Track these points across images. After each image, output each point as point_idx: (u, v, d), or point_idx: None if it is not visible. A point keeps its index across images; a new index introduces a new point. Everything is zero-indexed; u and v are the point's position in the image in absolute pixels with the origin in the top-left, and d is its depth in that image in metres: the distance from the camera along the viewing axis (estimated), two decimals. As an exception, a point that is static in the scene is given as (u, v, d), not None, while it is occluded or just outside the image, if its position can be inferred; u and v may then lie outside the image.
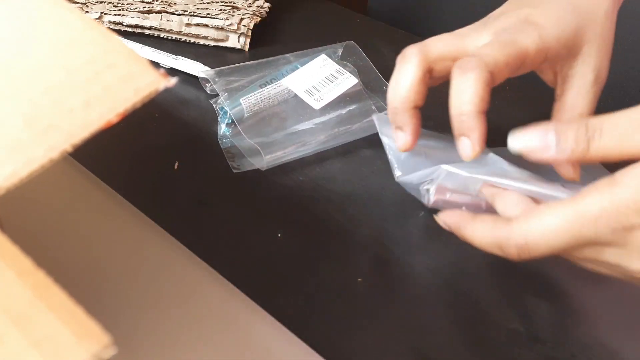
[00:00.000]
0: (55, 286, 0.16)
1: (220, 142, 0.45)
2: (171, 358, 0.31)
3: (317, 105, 0.46)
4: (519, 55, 0.32)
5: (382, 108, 0.48)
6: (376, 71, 0.51)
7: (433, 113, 0.36)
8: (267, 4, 0.61)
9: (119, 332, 0.18)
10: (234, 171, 0.43)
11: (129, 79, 0.20)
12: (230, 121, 0.46)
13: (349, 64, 0.51)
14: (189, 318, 0.33)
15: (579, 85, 0.35)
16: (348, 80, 0.48)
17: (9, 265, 0.16)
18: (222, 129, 0.46)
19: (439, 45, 0.35)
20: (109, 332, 0.15)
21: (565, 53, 0.35)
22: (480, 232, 0.30)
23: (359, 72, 0.50)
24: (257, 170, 0.43)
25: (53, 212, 0.39)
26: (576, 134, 0.28)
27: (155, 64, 0.52)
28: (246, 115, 0.46)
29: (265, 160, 0.43)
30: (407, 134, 0.35)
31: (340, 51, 0.51)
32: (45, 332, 0.14)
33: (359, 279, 0.36)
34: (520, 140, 0.29)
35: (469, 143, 0.31)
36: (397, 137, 0.35)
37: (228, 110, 0.45)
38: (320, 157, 0.45)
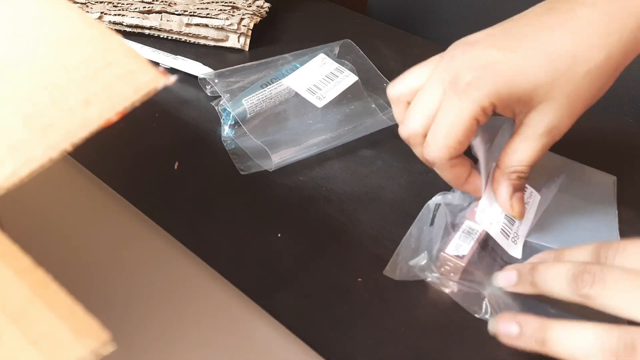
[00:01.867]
0: (53, 284, 0.16)
1: (224, 143, 0.45)
2: (171, 358, 0.31)
3: (319, 104, 0.46)
4: (467, 130, 0.34)
5: (382, 106, 0.48)
6: (375, 68, 0.51)
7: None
8: (267, 4, 0.61)
9: (119, 332, 0.18)
10: (242, 173, 0.43)
11: (128, 77, 0.19)
12: (233, 122, 0.45)
13: (346, 62, 0.51)
14: (189, 318, 0.33)
15: (527, 135, 0.35)
16: (348, 78, 0.48)
17: (8, 263, 0.16)
18: (226, 130, 0.46)
19: (409, 85, 0.37)
20: (108, 331, 0.15)
21: (521, 105, 0.34)
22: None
23: (358, 70, 0.50)
24: (258, 171, 0.43)
25: (53, 212, 0.39)
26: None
27: (155, 64, 0.52)
28: (249, 116, 0.46)
29: (274, 162, 0.43)
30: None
31: (337, 49, 0.52)
32: (43, 329, 0.14)
33: (359, 279, 0.36)
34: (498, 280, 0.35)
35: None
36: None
37: (231, 112, 0.45)
38: (320, 157, 0.45)
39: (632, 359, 0.28)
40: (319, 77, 0.47)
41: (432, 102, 0.35)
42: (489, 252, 0.37)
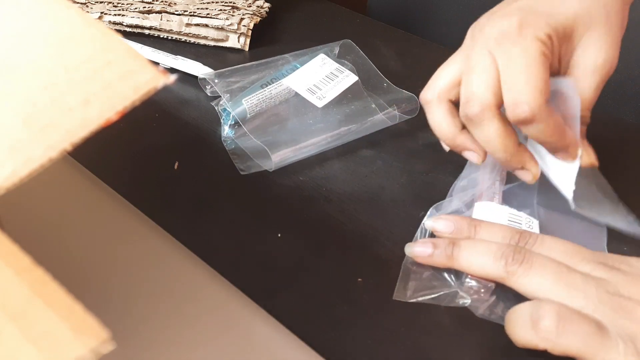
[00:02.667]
0: (53, 283, 0.16)
1: (224, 143, 0.45)
2: (171, 357, 0.31)
3: (319, 104, 0.46)
4: (545, 65, 0.32)
5: (382, 106, 0.48)
6: (375, 68, 0.51)
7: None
8: (267, 4, 0.61)
9: (119, 333, 0.18)
10: (242, 173, 0.43)
11: (128, 76, 0.19)
12: (233, 122, 0.45)
13: (347, 62, 0.51)
14: (188, 318, 0.33)
15: (580, 74, 0.34)
16: (348, 78, 0.48)
17: (8, 263, 0.16)
18: (226, 130, 0.46)
19: (445, 78, 0.36)
20: (108, 330, 0.15)
21: (565, 42, 0.34)
22: None
23: (358, 70, 0.50)
24: (258, 171, 0.43)
25: (53, 212, 0.39)
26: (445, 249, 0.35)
27: (155, 64, 0.52)
28: (249, 116, 0.46)
29: (274, 162, 0.43)
30: (471, 153, 0.37)
31: (337, 49, 0.52)
32: (43, 328, 0.14)
33: (359, 279, 0.36)
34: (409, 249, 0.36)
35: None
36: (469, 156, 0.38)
37: (231, 112, 0.45)
38: (320, 157, 0.45)
39: (521, 262, 0.32)
40: (319, 77, 0.47)
41: (488, 67, 0.33)
42: None
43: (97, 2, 0.59)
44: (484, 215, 0.37)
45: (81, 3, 0.59)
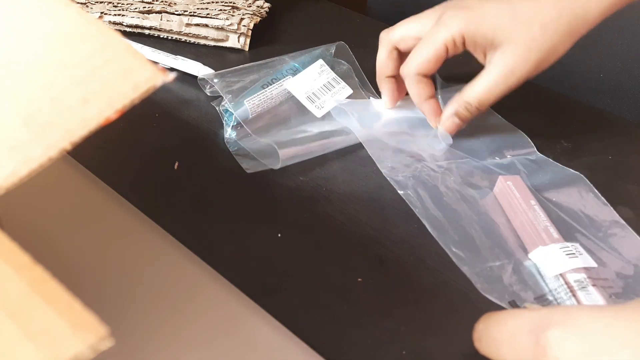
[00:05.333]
0: (52, 280, 0.16)
1: (227, 144, 0.45)
2: (170, 357, 0.31)
3: (318, 113, 0.46)
4: (437, 51, 0.42)
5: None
6: (362, 74, 0.52)
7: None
8: (267, 4, 0.61)
9: (119, 332, 0.18)
10: (248, 172, 0.43)
11: (127, 74, 0.19)
12: (235, 123, 0.45)
13: (343, 61, 0.52)
14: (189, 318, 0.33)
15: (487, 75, 0.41)
16: (344, 90, 0.49)
17: (7, 261, 0.16)
18: (228, 132, 0.46)
19: (402, 29, 0.46)
20: (107, 327, 0.15)
21: (487, 44, 0.41)
22: None
23: (354, 70, 0.51)
24: (258, 171, 0.43)
25: (53, 211, 0.39)
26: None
27: (155, 64, 0.52)
28: (251, 116, 0.46)
29: (281, 160, 0.42)
30: (385, 95, 0.48)
31: (332, 50, 0.52)
32: (41, 324, 0.14)
33: (359, 279, 0.36)
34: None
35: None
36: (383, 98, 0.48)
37: (233, 113, 0.45)
38: (320, 157, 0.45)
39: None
40: (318, 85, 0.48)
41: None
42: None
43: (97, 2, 0.59)
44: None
45: (81, 3, 0.59)
